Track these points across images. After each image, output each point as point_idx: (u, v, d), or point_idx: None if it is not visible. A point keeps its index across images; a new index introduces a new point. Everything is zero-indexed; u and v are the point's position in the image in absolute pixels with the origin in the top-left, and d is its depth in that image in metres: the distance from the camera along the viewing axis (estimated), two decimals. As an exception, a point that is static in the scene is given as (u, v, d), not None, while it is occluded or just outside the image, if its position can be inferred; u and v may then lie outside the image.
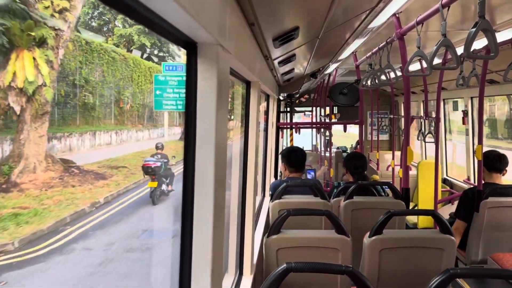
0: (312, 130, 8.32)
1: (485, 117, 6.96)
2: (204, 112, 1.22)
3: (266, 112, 5.21)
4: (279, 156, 4.83)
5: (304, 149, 4.53)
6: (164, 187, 11.44)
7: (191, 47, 1.19)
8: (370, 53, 3.56)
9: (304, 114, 10.79)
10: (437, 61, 3.74)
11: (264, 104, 5.06)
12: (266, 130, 5.29)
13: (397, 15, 2.57)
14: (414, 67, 4.31)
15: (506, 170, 3.54)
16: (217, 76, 1.21)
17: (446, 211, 4.32)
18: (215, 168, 1.23)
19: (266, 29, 1.95)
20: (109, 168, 14.31)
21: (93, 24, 23.55)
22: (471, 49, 1.72)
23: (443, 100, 5.70)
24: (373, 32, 2.88)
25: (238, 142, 2.95)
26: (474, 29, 1.66)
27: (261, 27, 1.87)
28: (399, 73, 3.51)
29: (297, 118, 12.08)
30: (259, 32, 1.94)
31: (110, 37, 23.05)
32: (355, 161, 3.72)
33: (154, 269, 7.78)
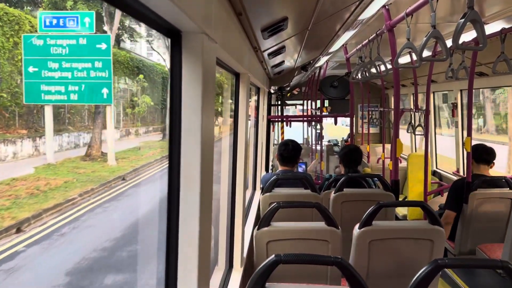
0: (303, 123, 8.33)
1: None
2: (189, 104, 1.19)
3: (257, 107, 5.19)
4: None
5: None
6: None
7: (175, 36, 1.16)
8: (360, 45, 3.55)
9: (296, 107, 10.77)
10: (427, 53, 3.75)
11: (254, 98, 5.03)
12: (256, 125, 5.27)
13: (386, 7, 2.56)
14: (404, 59, 4.31)
15: (493, 163, 3.59)
16: (203, 66, 1.18)
17: (435, 203, 4.35)
18: (201, 162, 1.21)
19: (254, 19, 1.92)
20: None
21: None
22: (460, 41, 1.72)
23: (433, 92, 5.73)
24: (363, 24, 2.86)
25: (227, 137, 2.90)
26: (462, 20, 1.66)
27: (249, 17, 1.84)
28: (389, 66, 3.51)
29: (292, 112, 12.03)
30: (247, 22, 1.91)
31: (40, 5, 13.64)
32: (349, 154, 3.73)
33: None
